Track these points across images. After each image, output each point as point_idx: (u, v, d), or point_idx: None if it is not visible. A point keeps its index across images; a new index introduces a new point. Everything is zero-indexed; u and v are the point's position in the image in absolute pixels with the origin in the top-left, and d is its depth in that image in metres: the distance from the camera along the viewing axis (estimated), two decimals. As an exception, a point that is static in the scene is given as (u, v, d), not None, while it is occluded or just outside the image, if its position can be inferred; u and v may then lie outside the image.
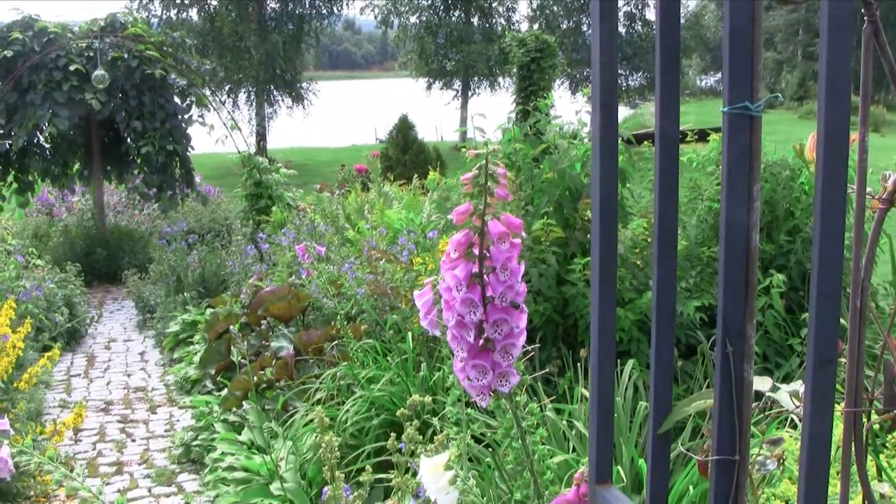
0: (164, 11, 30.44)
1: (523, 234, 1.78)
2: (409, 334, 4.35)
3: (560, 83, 36.86)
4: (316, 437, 4.21)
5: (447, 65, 35.18)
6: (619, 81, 37.49)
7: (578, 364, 3.91)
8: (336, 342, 4.94)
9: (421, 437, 2.29)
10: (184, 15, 30.73)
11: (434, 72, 35.45)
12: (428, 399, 2.36)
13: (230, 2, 29.63)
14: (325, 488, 2.42)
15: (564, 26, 37.38)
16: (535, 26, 35.82)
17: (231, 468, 4.44)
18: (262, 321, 5.80)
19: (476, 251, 1.51)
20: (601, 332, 1.33)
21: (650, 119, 38.13)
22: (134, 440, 5.68)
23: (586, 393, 3.40)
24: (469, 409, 2.38)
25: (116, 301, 9.98)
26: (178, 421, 5.97)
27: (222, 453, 4.69)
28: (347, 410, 3.97)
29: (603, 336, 1.34)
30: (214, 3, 30.36)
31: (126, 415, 6.17)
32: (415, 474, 2.16)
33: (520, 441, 1.75)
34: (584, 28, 38.10)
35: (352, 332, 4.70)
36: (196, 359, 6.49)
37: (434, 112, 32.47)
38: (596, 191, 1.33)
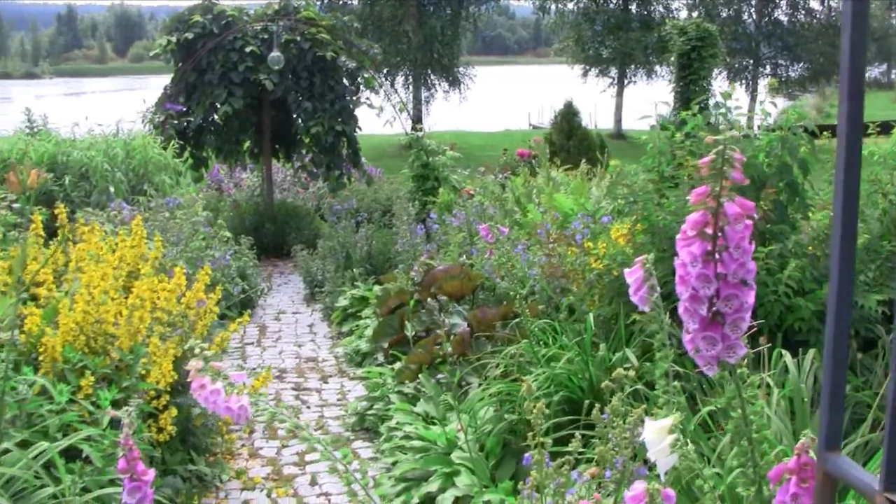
0: (326, -5, 31.18)
1: (755, 215, 1.81)
2: (591, 315, 4.39)
3: (718, 72, 36.11)
4: (495, 410, 4.32)
5: (604, 52, 34.89)
6: (779, 72, 36.43)
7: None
8: (511, 321, 5.03)
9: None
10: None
11: (590, 59, 35.22)
12: (631, 373, 2.41)
13: (390, -14, 30.12)
14: (527, 454, 2.50)
15: (724, 14, 36.53)
16: (695, 14, 35.12)
17: (408, 437, 4.58)
18: (434, 298, 5.94)
19: (710, 231, 1.56)
20: (839, 302, 1.36)
21: (810, 111, 36.97)
22: (308, 407, 5.90)
23: (769, 380, 3.39)
24: (675, 383, 2.42)
25: (283, 275, 10.33)
26: (349, 391, 6.17)
27: (398, 423, 4.85)
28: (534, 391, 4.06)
29: (840, 306, 1.36)
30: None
31: (299, 383, 6.41)
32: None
33: (740, 410, 1.79)
34: (745, 17, 37.18)
35: (529, 311, 4.78)
36: (367, 332, 6.69)
37: (587, 99, 32.28)
38: (840, 184, 1.35)
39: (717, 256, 1.58)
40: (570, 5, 35.50)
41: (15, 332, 3.61)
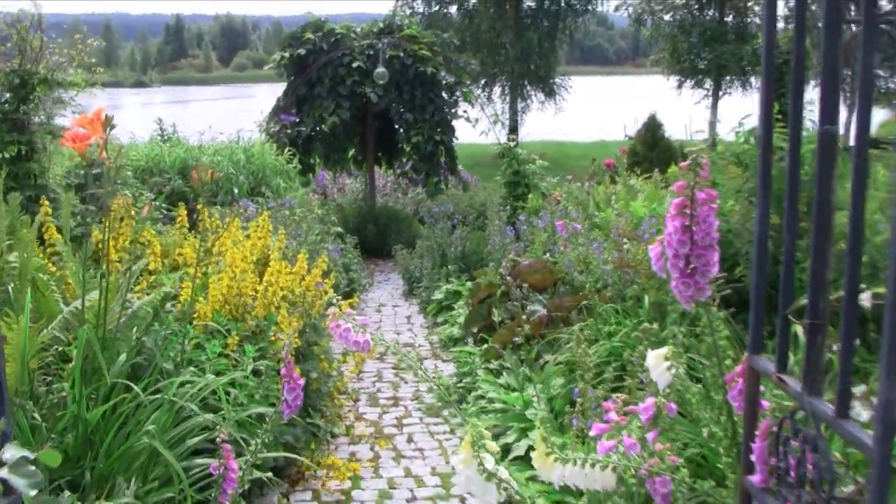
0: (426, 8, 32.12)
1: (718, 201, 2.50)
2: (646, 298, 5.11)
3: (814, 85, 35.99)
4: (564, 377, 5.07)
5: (699, 63, 35.13)
6: (879, 83, 36.09)
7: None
8: (583, 305, 5.77)
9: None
10: (444, 11, 32.30)
11: (686, 70, 35.47)
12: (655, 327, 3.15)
13: (488, 0, 30.91)
14: (575, 388, 3.25)
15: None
16: (790, 26, 35.10)
17: (490, 401, 5.36)
18: (519, 289, 6.70)
19: (687, 210, 2.30)
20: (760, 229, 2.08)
21: (914, 123, 36.64)
22: (406, 382, 6.72)
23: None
24: (680, 328, 3.14)
25: (383, 273, 11.19)
26: (441, 370, 6.96)
27: (483, 392, 5.63)
28: (590, 355, 4.80)
29: (761, 232, 2.08)
30: (474, 0, 31.75)
31: (398, 364, 7.23)
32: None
33: (711, 337, 2.53)
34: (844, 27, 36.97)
35: (598, 298, 5.52)
36: (459, 320, 7.49)
37: (683, 110, 32.60)
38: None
39: (691, 228, 2.32)
40: (667, 17, 35.82)
41: (170, 303, 4.51)
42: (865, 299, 2.07)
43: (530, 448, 4.59)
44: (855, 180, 1.62)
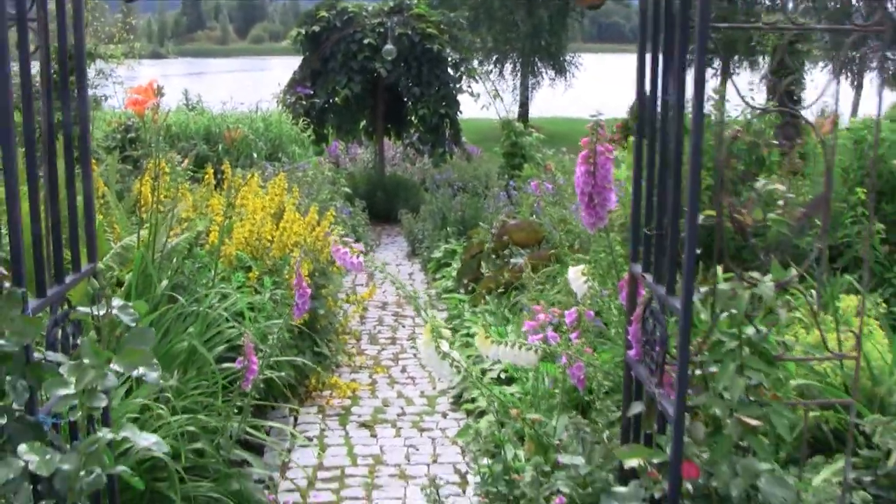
0: (441, -16, 32.82)
1: (615, 153, 3.34)
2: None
3: (824, 65, 36.63)
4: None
5: (708, 43, 35.70)
6: (887, 65, 36.48)
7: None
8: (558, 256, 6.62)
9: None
10: (458, -13, 32.97)
11: (691, 50, 36.08)
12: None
13: (502, -23, 31.56)
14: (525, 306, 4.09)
15: (830, 6, 36.94)
16: (801, 7, 35.64)
17: (473, 335, 6.23)
18: (506, 247, 7.55)
19: (591, 160, 3.15)
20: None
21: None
22: (404, 326, 7.59)
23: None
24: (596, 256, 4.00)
25: (390, 237, 12.05)
26: (436, 316, 7.83)
27: (468, 329, 6.49)
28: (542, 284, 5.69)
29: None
30: (487, -23, 32.43)
31: (397, 311, 8.09)
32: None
33: (609, 251, 3.39)
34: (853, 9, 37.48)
35: (570, 251, 6.37)
36: (454, 273, 8.36)
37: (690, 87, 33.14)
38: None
39: (594, 172, 3.17)
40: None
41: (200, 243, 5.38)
42: (700, 219, 2.89)
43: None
44: (693, 139, 2.48)
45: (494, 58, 32.52)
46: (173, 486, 3.43)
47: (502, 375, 5.52)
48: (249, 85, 36.03)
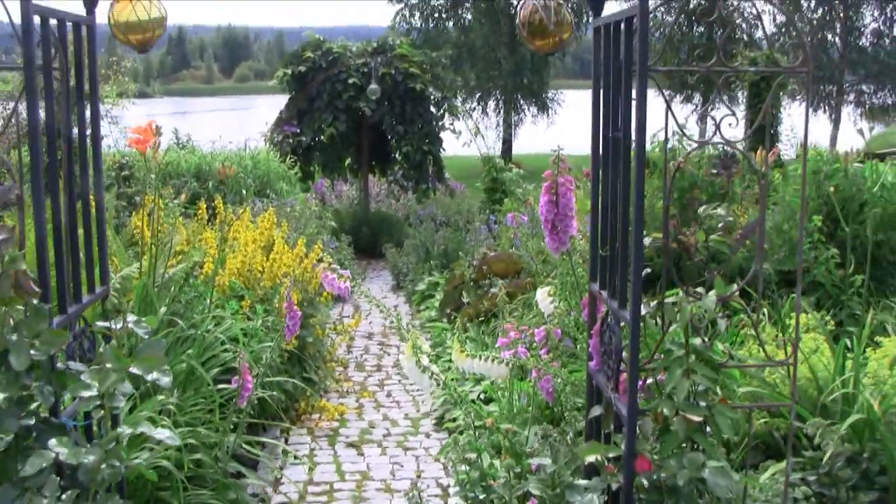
0: (423, 24, 33.28)
1: (577, 184, 3.69)
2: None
3: (801, 100, 37.31)
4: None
5: (688, 79, 36.33)
6: (863, 99, 37.31)
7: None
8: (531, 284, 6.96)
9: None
10: (441, 26, 33.45)
11: (675, 86, 36.71)
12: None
13: (483, 16, 32.11)
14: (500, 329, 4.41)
15: (808, 42, 37.60)
16: (777, 44, 36.32)
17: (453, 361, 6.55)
18: (486, 278, 7.88)
19: (553, 190, 3.49)
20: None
21: (900, 138, 37.86)
22: (389, 354, 7.90)
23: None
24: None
25: (375, 270, 12.37)
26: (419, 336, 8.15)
27: (449, 356, 6.80)
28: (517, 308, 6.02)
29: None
30: (469, 17, 32.97)
31: (383, 341, 8.41)
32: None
33: (571, 270, 3.72)
34: (829, 46, 38.21)
35: (545, 278, 6.70)
36: (437, 304, 8.68)
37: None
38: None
39: (556, 201, 3.51)
40: (657, 34, 37.01)
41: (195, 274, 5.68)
42: (647, 241, 3.22)
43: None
44: (637, 171, 2.82)
45: (478, 95, 33.02)
46: (176, 494, 3.74)
47: (481, 396, 5.83)
48: (235, 124, 36.42)
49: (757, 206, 6.52)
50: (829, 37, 38.14)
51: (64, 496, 2.52)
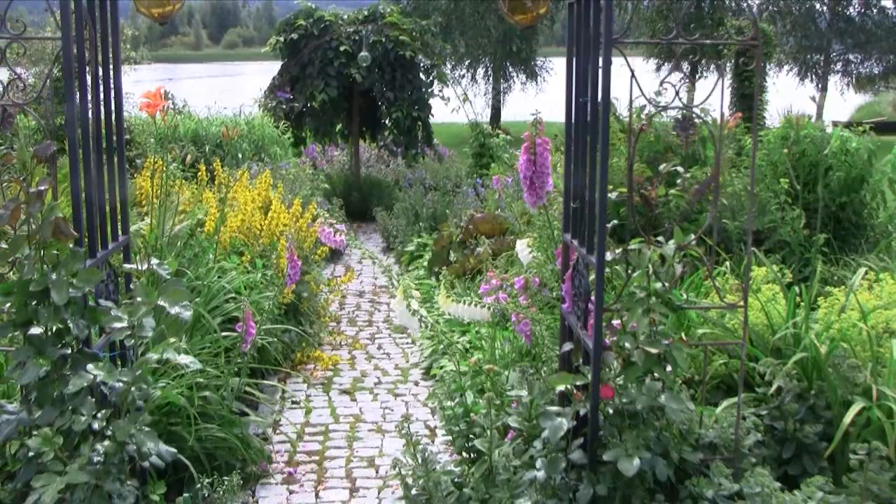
0: (414, -9, 33.41)
1: (551, 146, 4.04)
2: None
3: (789, 69, 37.71)
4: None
5: (675, 50, 36.52)
6: (850, 68, 37.60)
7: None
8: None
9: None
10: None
11: (663, 54, 36.95)
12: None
13: (473, -17, 32.27)
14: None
15: (795, 12, 37.89)
16: (765, 13, 36.60)
17: (442, 314, 6.92)
18: (473, 238, 8.24)
19: (531, 149, 3.85)
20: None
21: (887, 108, 38.28)
22: (379, 311, 8.27)
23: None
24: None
25: (366, 234, 12.71)
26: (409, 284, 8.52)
27: (438, 308, 7.18)
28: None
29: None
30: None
31: (374, 299, 8.77)
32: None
33: (547, 223, 4.08)
34: (817, 15, 38.50)
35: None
36: (425, 264, 9.05)
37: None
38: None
39: (534, 160, 3.87)
40: (646, 2, 37.18)
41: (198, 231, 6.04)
42: (613, 195, 3.58)
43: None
44: (602, 131, 3.17)
45: (467, 63, 33.25)
46: (187, 428, 4.11)
47: (467, 346, 6.21)
48: (225, 90, 36.62)
49: (732, 169, 6.90)
50: (818, 6, 38.46)
51: (99, 415, 2.89)
